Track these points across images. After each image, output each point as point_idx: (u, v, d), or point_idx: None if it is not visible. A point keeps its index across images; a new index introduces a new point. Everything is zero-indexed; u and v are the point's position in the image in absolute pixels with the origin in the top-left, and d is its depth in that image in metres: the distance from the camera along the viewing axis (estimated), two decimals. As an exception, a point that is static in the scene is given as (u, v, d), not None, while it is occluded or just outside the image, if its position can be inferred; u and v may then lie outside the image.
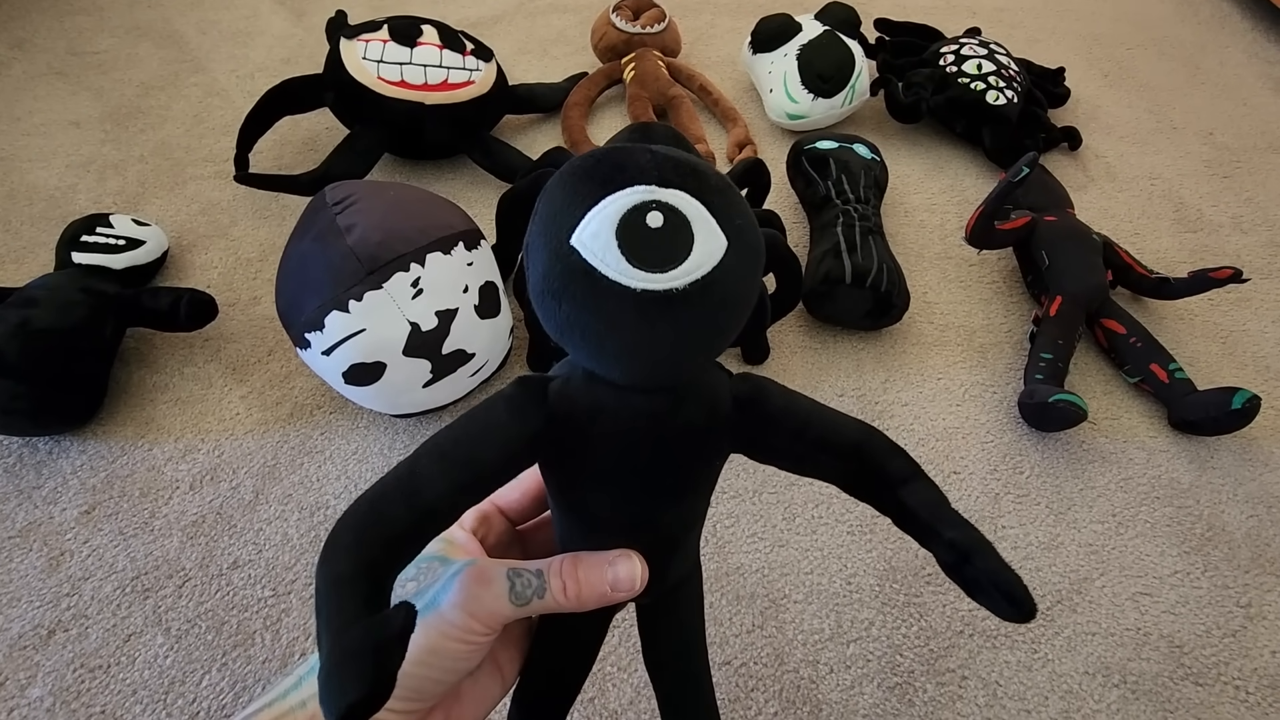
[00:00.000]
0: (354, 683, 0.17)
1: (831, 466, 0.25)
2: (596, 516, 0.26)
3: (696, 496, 0.27)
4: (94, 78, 0.93)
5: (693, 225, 0.19)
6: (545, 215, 0.20)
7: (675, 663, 0.32)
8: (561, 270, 0.19)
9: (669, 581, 0.29)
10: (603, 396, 0.23)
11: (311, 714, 0.23)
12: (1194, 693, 0.50)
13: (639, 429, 0.23)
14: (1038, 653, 0.51)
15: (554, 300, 0.20)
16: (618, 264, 0.19)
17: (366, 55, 0.75)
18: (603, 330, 0.20)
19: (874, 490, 0.24)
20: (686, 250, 0.19)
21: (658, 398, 0.23)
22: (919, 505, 0.23)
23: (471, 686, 0.26)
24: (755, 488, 0.59)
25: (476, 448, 0.22)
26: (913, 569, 0.55)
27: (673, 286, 0.19)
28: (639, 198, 0.19)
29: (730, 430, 0.24)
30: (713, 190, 0.20)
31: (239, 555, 0.54)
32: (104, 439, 0.60)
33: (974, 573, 0.22)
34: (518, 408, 0.23)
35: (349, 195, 0.56)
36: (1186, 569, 0.56)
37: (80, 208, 0.77)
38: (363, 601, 0.19)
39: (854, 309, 0.67)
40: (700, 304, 0.19)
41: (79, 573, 0.53)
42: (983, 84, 0.86)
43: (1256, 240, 0.82)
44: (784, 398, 0.25)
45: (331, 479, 0.58)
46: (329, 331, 0.52)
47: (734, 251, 0.20)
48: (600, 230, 0.19)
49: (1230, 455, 0.63)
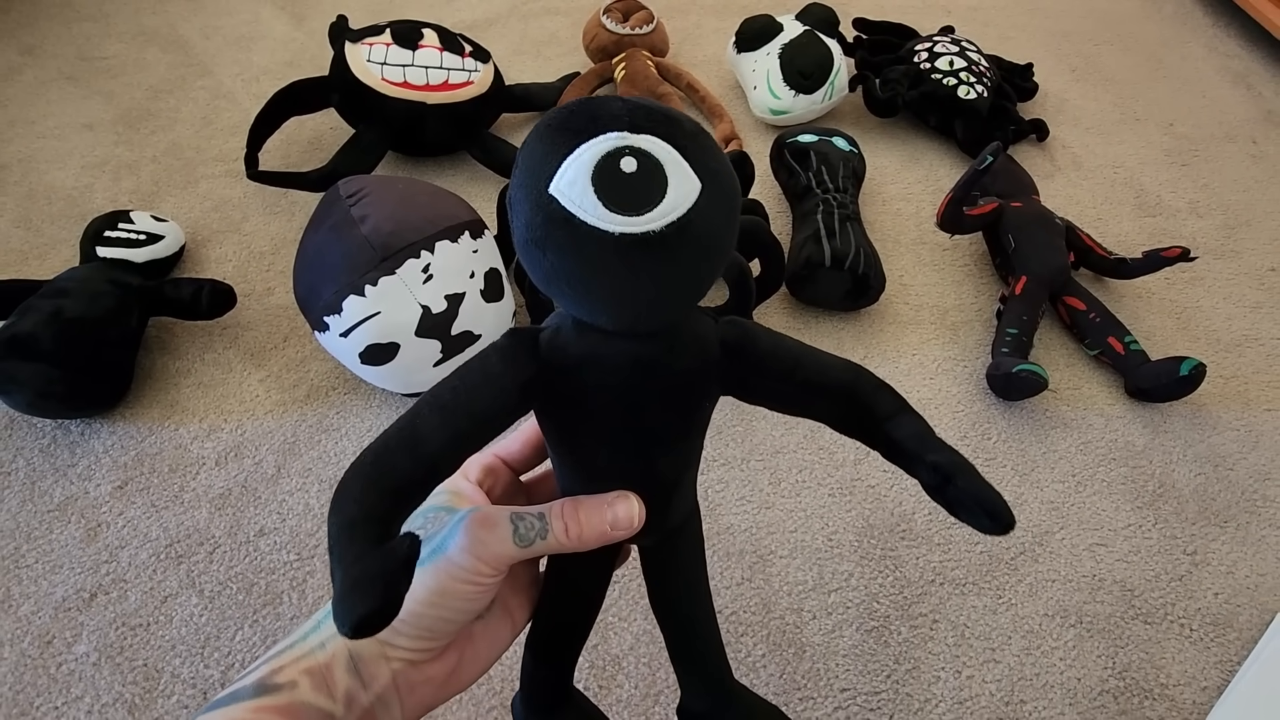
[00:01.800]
0: (364, 600, 0.18)
1: (821, 406, 0.26)
2: (594, 462, 0.27)
3: (689, 439, 0.27)
4: (104, 82, 0.97)
5: (666, 169, 0.19)
6: (524, 168, 0.20)
7: (680, 604, 0.33)
8: (542, 219, 0.20)
9: (670, 523, 0.30)
10: (592, 343, 0.23)
11: (331, 654, 0.24)
12: (1143, 630, 0.55)
13: (629, 374, 0.24)
14: (1002, 598, 0.56)
15: (538, 249, 0.21)
16: (595, 209, 0.19)
17: (370, 58, 0.79)
18: (586, 276, 0.21)
19: (863, 426, 0.25)
20: (661, 193, 0.19)
21: (646, 343, 0.23)
22: (905, 437, 0.24)
23: (484, 629, 0.28)
24: (744, 455, 0.64)
25: (473, 398, 0.23)
26: (888, 526, 0.60)
27: (650, 229, 0.19)
28: (612, 144, 0.19)
29: (719, 373, 0.25)
30: (685, 135, 0.20)
31: (265, 524, 0.58)
32: (132, 420, 0.64)
33: (956, 492, 0.23)
34: (510, 356, 0.23)
35: (361, 188, 0.60)
36: (1139, 522, 0.61)
37: (98, 206, 0.80)
38: (373, 541, 0.20)
39: (834, 291, 0.72)
40: (678, 246, 0.20)
41: (116, 541, 0.57)
42: (954, 80, 0.91)
43: (1211, 224, 0.87)
44: (770, 339, 0.26)
45: (348, 454, 0.62)
46: (347, 314, 0.56)
47: (708, 194, 0.20)
48: (576, 178, 0.19)
49: (1181, 420, 0.68)
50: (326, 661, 0.24)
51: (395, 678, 0.25)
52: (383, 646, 0.25)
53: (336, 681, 0.24)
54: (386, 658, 0.25)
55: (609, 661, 0.52)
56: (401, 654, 0.25)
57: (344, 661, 0.24)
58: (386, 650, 0.25)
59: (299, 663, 0.24)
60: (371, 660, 0.24)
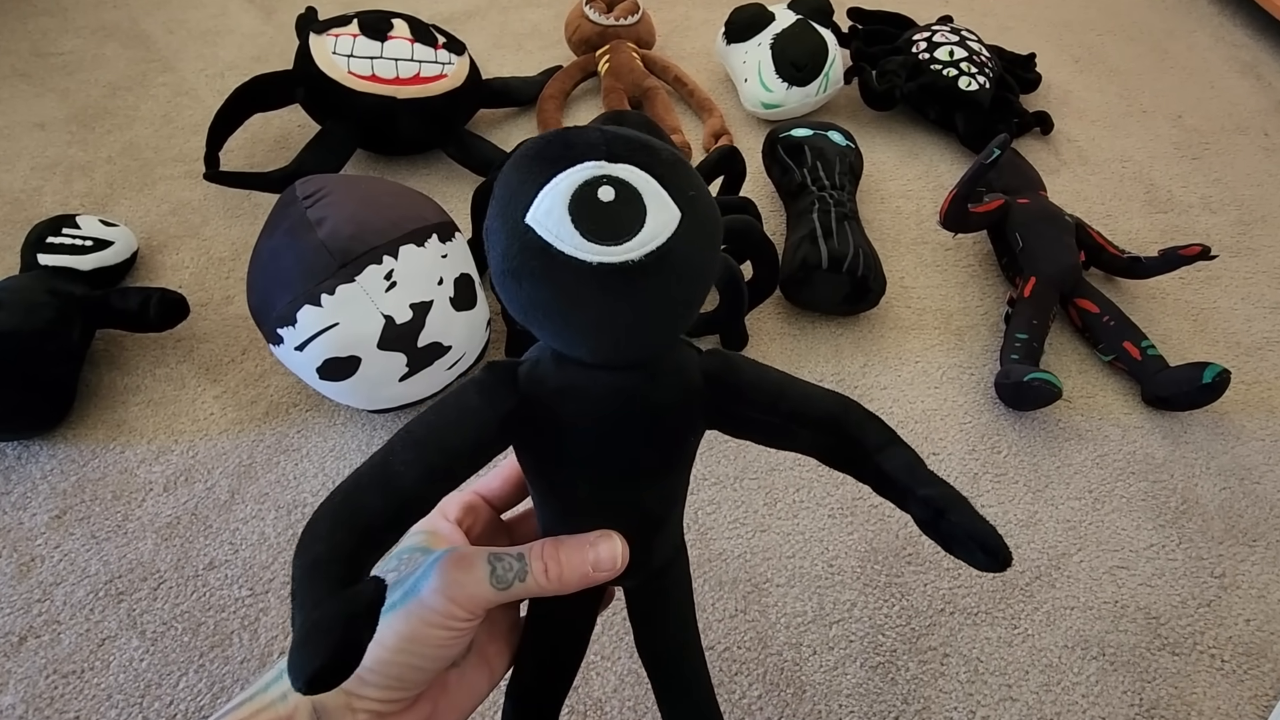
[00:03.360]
0: (319, 651, 0.17)
1: (808, 438, 0.25)
2: (575, 498, 0.25)
3: (674, 474, 0.26)
4: (59, 79, 0.92)
5: (644, 198, 0.19)
6: (501, 197, 0.20)
7: (669, 649, 0.32)
8: (519, 249, 0.19)
9: (654, 562, 0.29)
10: (572, 376, 0.22)
11: (293, 705, 0.22)
12: (1171, 662, 0.51)
13: (610, 407, 0.23)
14: (1018, 628, 0.52)
15: (514, 280, 0.20)
16: (572, 239, 0.19)
17: (336, 50, 0.74)
18: (563, 307, 0.20)
19: (851, 459, 0.25)
20: (639, 222, 0.19)
21: (627, 375, 0.23)
22: (895, 469, 0.24)
23: (459, 679, 0.26)
24: (736, 474, 0.59)
25: (449, 433, 0.22)
26: (893, 550, 0.55)
27: (628, 259, 0.19)
28: (589, 173, 0.19)
29: (702, 405, 0.24)
30: (663, 164, 0.20)
31: (215, 556, 0.53)
32: (74, 442, 0.59)
33: (949, 527, 0.22)
34: (487, 391, 0.23)
35: (320, 189, 0.55)
36: (1162, 542, 0.57)
37: (46, 210, 0.75)
38: (337, 583, 0.19)
39: (831, 294, 0.67)
40: (658, 275, 0.19)
41: (50, 578, 0.52)
42: (955, 70, 0.86)
43: (1225, 219, 0.83)
44: (754, 371, 0.25)
45: (309, 476, 0.58)
46: (301, 326, 0.52)
47: (687, 222, 0.20)
48: (553, 207, 0.19)
49: (1203, 430, 0.64)
50: (288, 714, 0.22)
51: None
52: (348, 697, 0.23)
53: None
54: (352, 709, 0.23)
55: (591, 705, 0.48)
56: (369, 705, 0.23)
57: (306, 713, 0.22)
58: (352, 701, 0.23)
59: (259, 715, 0.22)
60: (336, 711, 0.23)
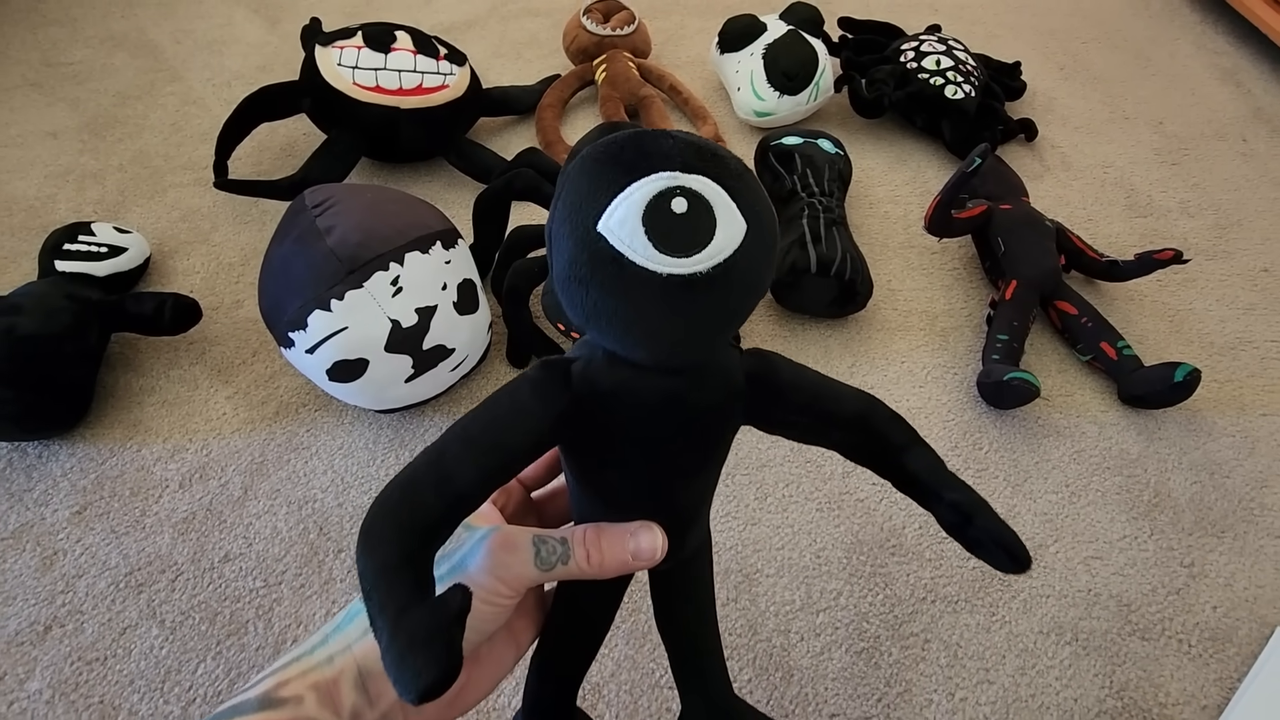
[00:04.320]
0: (429, 666, 0.18)
1: (836, 436, 0.26)
2: (616, 492, 0.26)
3: (710, 470, 0.27)
4: (70, 88, 0.94)
5: (715, 210, 0.20)
6: (570, 202, 0.20)
7: (689, 624, 0.33)
8: (589, 257, 0.20)
9: (685, 551, 0.30)
10: (624, 377, 0.23)
11: (339, 669, 0.24)
12: (1141, 647, 0.53)
13: (660, 408, 0.23)
14: (995, 615, 0.55)
15: (580, 287, 0.20)
16: (645, 250, 0.19)
17: (342, 61, 0.77)
18: (629, 314, 0.20)
19: (876, 457, 0.26)
20: (710, 235, 0.20)
21: (676, 378, 0.23)
22: (920, 470, 0.25)
23: (489, 651, 0.28)
24: (729, 470, 0.62)
25: (503, 433, 0.22)
26: (878, 542, 0.58)
27: (697, 270, 0.19)
28: (664, 184, 0.19)
29: (743, 406, 0.25)
30: (733, 175, 0.20)
31: (230, 549, 0.56)
32: (92, 442, 0.61)
33: (976, 532, 0.24)
34: (541, 390, 0.23)
35: (328, 198, 0.58)
36: (1134, 533, 0.59)
37: (60, 217, 0.78)
38: (413, 585, 0.20)
39: (820, 297, 0.70)
40: (723, 286, 0.20)
41: (73, 570, 0.54)
42: (941, 79, 0.89)
43: (1203, 223, 0.86)
44: (792, 371, 0.26)
45: (318, 473, 0.60)
46: (312, 330, 0.54)
47: (753, 235, 0.20)
48: (627, 217, 0.19)
49: (1176, 426, 0.66)
50: (334, 677, 0.24)
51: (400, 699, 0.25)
52: None
53: (343, 698, 0.24)
54: None
55: (590, 690, 0.50)
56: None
57: (352, 678, 0.24)
58: None
59: (305, 677, 0.24)
60: (380, 678, 0.24)
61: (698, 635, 0.33)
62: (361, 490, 0.59)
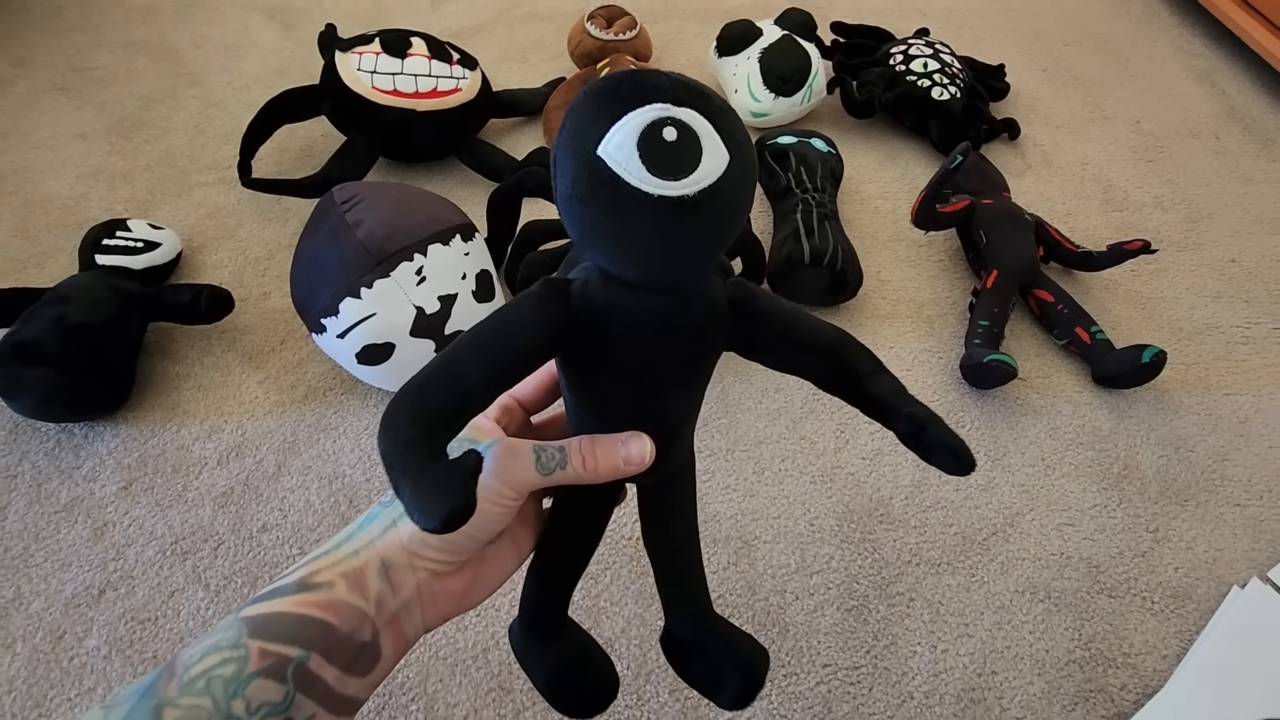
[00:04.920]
0: (452, 496, 0.21)
1: (810, 362, 0.28)
2: (608, 404, 0.29)
3: (695, 387, 0.30)
4: (95, 92, 0.98)
5: (702, 140, 0.22)
6: (573, 128, 0.23)
7: (673, 536, 0.36)
8: (588, 177, 0.22)
9: (671, 465, 0.32)
10: (617, 295, 0.25)
11: (364, 560, 0.27)
12: (1108, 604, 0.58)
13: (649, 323, 0.26)
14: (975, 576, 0.59)
15: (580, 204, 0.23)
16: (639, 172, 0.22)
17: (361, 66, 0.81)
18: (622, 231, 0.23)
19: (845, 383, 0.28)
20: (696, 162, 0.22)
21: (665, 296, 0.26)
22: (884, 392, 0.28)
23: (494, 554, 0.31)
24: (729, 446, 0.66)
25: (507, 339, 0.25)
26: (867, 510, 0.63)
27: (685, 193, 0.22)
28: (657, 114, 0.22)
29: (726, 328, 0.28)
30: (718, 110, 0.23)
31: (267, 520, 0.60)
32: (134, 423, 0.66)
33: (928, 439, 0.26)
34: (542, 303, 0.26)
35: (355, 194, 0.62)
36: (1104, 502, 0.64)
37: (93, 215, 0.82)
38: (431, 457, 0.22)
39: (813, 287, 0.74)
40: (707, 209, 0.22)
41: (122, 540, 0.58)
42: (928, 81, 0.94)
43: (1175, 217, 0.91)
44: (770, 300, 0.28)
45: (346, 451, 0.65)
46: (343, 316, 0.59)
47: (735, 164, 0.23)
48: (624, 142, 0.22)
49: (1145, 405, 0.71)
50: (360, 567, 0.26)
51: (419, 587, 0.27)
52: (411, 557, 0.27)
53: (369, 585, 0.26)
54: (414, 568, 0.27)
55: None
56: (428, 564, 0.27)
57: (376, 568, 0.26)
58: (414, 561, 0.27)
59: (335, 566, 0.26)
60: (401, 569, 0.27)
61: (681, 549, 0.36)
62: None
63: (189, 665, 0.24)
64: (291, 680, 0.24)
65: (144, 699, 0.23)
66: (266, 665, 0.24)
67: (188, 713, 0.22)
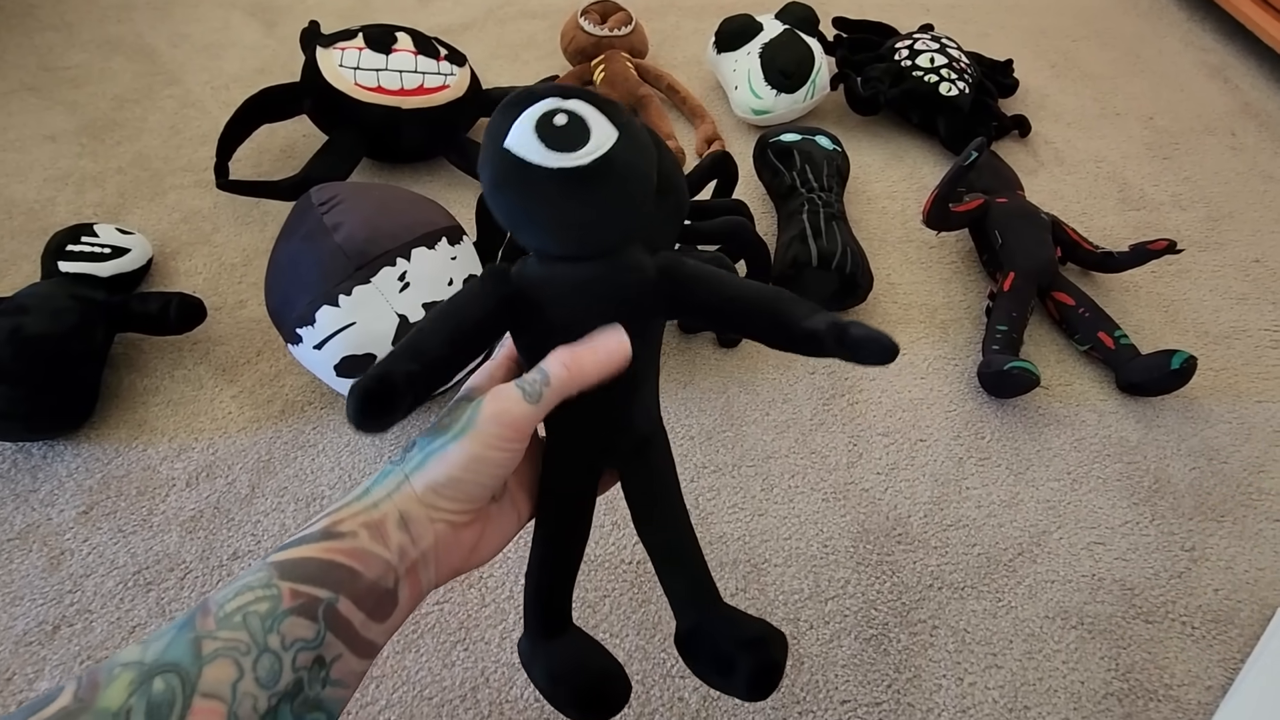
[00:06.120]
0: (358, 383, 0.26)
1: (750, 321, 0.29)
2: None
3: (643, 347, 0.31)
4: (67, 92, 0.94)
5: (588, 121, 0.26)
6: (488, 135, 0.27)
7: (661, 517, 0.36)
8: (501, 167, 0.26)
9: (637, 426, 0.34)
10: (550, 268, 0.29)
11: (384, 512, 0.28)
12: (1145, 630, 0.54)
13: (581, 288, 0.29)
14: (1002, 601, 0.55)
15: (499, 191, 0.27)
16: (538, 151, 0.25)
17: (343, 63, 0.77)
18: (535, 207, 0.26)
19: (786, 332, 0.29)
20: (586, 137, 0.25)
21: (592, 265, 0.29)
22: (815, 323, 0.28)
23: (498, 512, 0.32)
24: (734, 461, 0.62)
25: (462, 312, 0.29)
26: (884, 530, 0.58)
27: (580, 163, 0.25)
28: (548, 106, 0.26)
29: (657, 291, 0.30)
30: (602, 101, 0.26)
31: (238, 546, 0.56)
32: (98, 442, 0.61)
33: (852, 340, 0.27)
34: (487, 281, 0.30)
35: (334, 196, 0.58)
36: (1136, 519, 0.60)
37: (60, 220, 0.77)
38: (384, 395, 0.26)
39: (821, 291, 0.71)
40: (604, 176, 0.26)
41: (80, 570, 0.54)
42: (936, 76, 0.90)
43: (1195, 216, 0.87)
44: (696, 264, 0.30)
45: (325, 470, 0.60)
46: (320, 326, 0.54)
47: (623, 138, 0.26)
48: (524, 131, 0.25)
49: (1174, 414, 0.67)
50: (380, 518, 0.27)
51: (436, 540, 0.29)
52: (428, 509, 0.28)
53: (390, 535, 0.27)
54: (431, 520, 0.28)
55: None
56: (444, 515, 0.29)
57: (395, 519, 0.28)
58: (431, 513, 0.28)
59: (357, 517, 0.27)
60: (419, 521, 0.28)
61: (668, 526, 0.36)
62: (369, 486, 0.59)
63: (222, 604, 0.24)
64: (322, 619, 0.25)
65: (182, 631, 0.24)
66: (298, 604, 0.25)
67: (226, 644, 0.23)
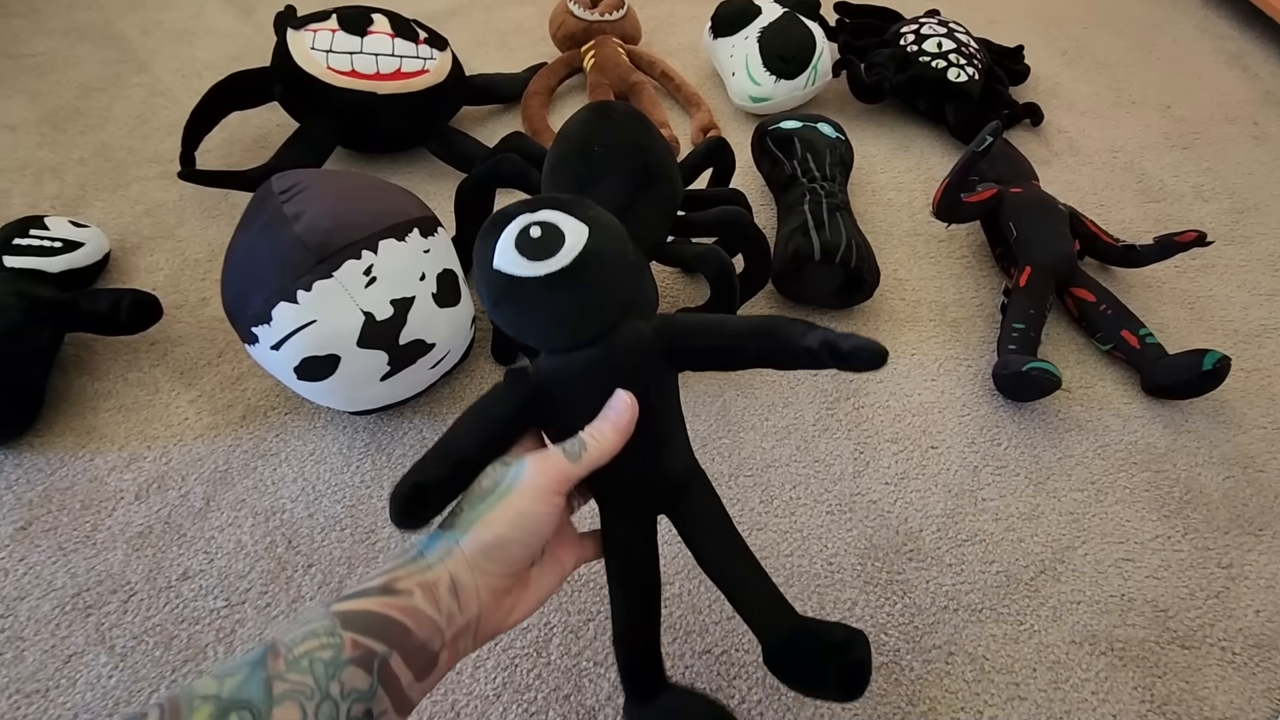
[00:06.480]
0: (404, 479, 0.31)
1: (754, 349, 0.33)
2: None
3: (658, 402, 0.34)
4: (30, 80, 0.89)
5: (561, 226, 0.30)
6: (477, 260, 0.31)
7: (724, 557, 0.38)
8: (496, 287, 0.31)
9: (674, 472, 0.37)
10: (556, 363, 0.33)
11: (437, 575, 0.29)
12: (1181, 656, 0.49)
13: (589, 371, 0.32)
14: (1024, 624, 0.50)
15: (499, 308, 0.31)
16: (523, 265, 0.30)
17: (315, 45, 0.72)
18: (530, 312, 0.31)
19: (787, 351, 0.32)
20: (561, 240, 0.30)
21: (596, 348, 0.32)
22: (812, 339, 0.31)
23: (538, 574, 0.34)
24: (731, 470, 0.57)
25: (488, 413, 0.32)
26: (894, 546, 0.54)
27: (561, 266, 0.29)
28: (522, 223, 0.30)
29: (660, 351, 0.33)
30: (569, 202, 0.31)
31: (189, 566, 0.51)
32: (41, 450, 0.56)
33: (844, 353, 0.30)
34: (510, 386, 0.33)
35: (296, 183, 0.53)
36: (1167, 533, 0.55)
37: (15, 212, 0.72)
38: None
39: (824, 286, 0.66)
40: (584, 270, 0.30)
41: (14, 593, 0.49)
42: (944, 62, 0.86)
43: (1218, 208, 0.83)
44: (690, 316, 0.35)
45: (288, 481, 0.55)
46: (277, 324, 0.50)
47: (594, 232, 0.30)
48: (505, 249, 0.30)
49: (1204, 418, 0.62)
50: (434, 581, 0.29)
51: (480, 610, 0.30)
52: (476, 573, 0.30)
53: (441, 599, 0.29)
54: (477, 587, 0.30)
55: (584, 714, 0.46)
56: (488, 580, 0.30)
57: (447, 584, 0.29)
58: (478, 578, 0.30)
59: (413, 576, 0.29)
60: (467, 590, 0.29)
61: (734, 566, 0.38)
62: (334, 499, 0.55)
63: (291, 646, 0.26)
64: (376, 673, 0.26)
65: (255, 670, 0.25)
66: (357, 655, 0.26)
67: (294, 686, 0.25)
